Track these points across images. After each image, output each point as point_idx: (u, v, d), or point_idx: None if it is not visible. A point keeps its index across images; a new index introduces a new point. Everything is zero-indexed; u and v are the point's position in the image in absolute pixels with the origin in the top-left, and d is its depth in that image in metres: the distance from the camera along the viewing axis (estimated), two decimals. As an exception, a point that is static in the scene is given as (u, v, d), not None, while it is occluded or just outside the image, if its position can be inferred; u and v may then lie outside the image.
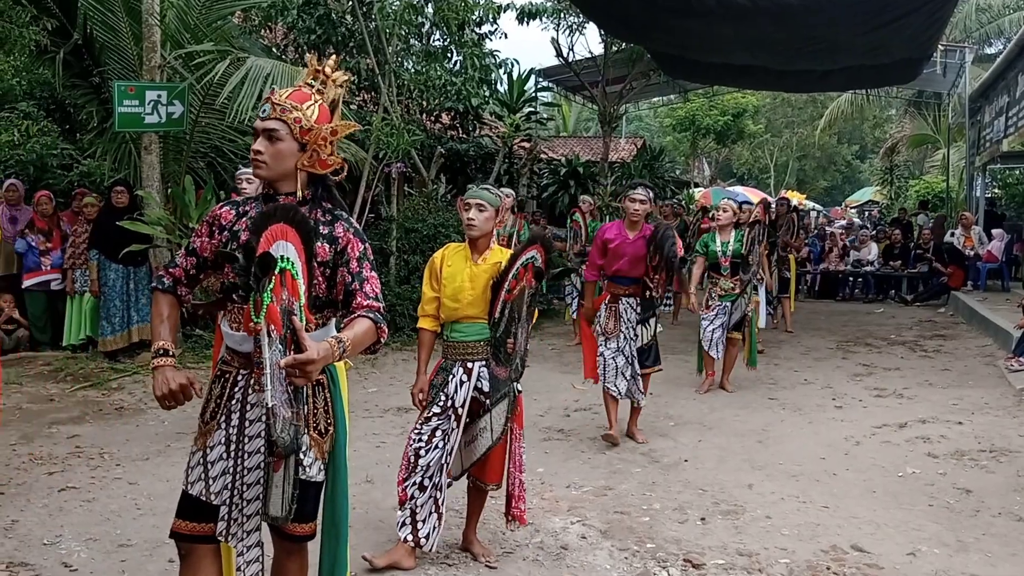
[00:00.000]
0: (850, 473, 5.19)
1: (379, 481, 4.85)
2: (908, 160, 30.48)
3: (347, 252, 2.45)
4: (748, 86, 21.16)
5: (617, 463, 5.35)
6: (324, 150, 2.45)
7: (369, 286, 2.44)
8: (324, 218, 2.48)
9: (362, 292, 2.42)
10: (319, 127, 2.42)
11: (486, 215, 3.69)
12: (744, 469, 5.27)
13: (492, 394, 3.64)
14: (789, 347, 9.74)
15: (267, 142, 2.40)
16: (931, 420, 6.44)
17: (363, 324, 2.36)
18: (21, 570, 3.62)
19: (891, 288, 15.06)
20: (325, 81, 2.51)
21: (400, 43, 10.25)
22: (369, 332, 2.38)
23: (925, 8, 9.31)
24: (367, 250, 2.49)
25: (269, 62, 7.56)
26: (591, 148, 22.86)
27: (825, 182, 47.91)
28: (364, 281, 2.44)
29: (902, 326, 11.62)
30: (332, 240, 2.45)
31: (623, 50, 15.57)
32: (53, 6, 7.97)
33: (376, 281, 2.49)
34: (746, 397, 7.26)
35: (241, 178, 5.61)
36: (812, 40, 10.99)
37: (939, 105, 22.39)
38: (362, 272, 2.45)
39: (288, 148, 2.41)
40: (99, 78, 8.37)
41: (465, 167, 14.90)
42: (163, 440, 5.66)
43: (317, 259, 2.41)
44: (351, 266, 2.44)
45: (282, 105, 2.40)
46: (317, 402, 2.51)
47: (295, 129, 2.39)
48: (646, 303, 5.66)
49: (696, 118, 29.45)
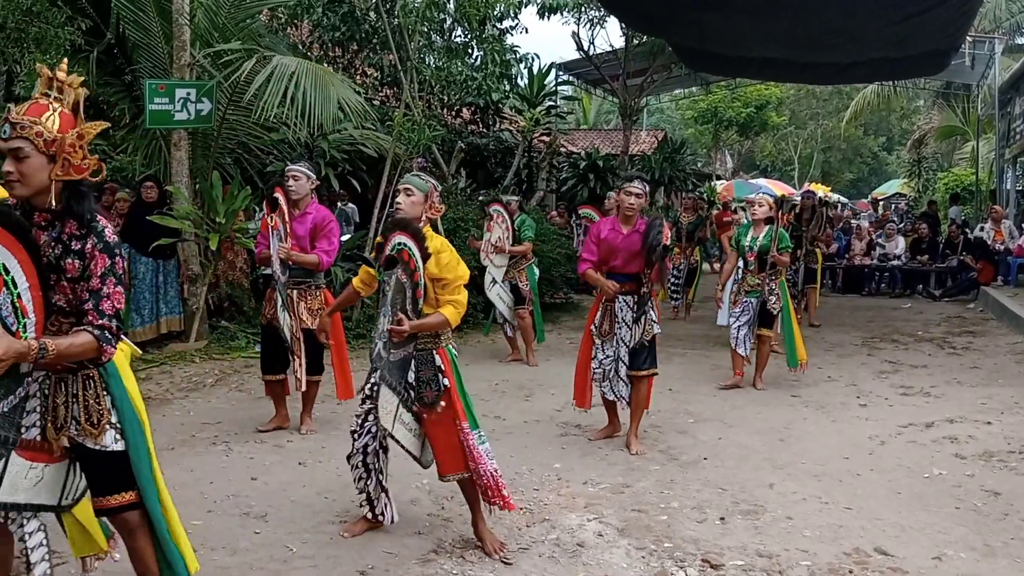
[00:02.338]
0: (874, 474, 5.11)
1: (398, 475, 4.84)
2: (936, 152, 30.05)
3: (90, 268, 2.48)
4: (770, 78, 21.02)
5: (635, 460, 5.32)
6: (75, 156, 2.47)
7: (108, 303, 2.48)
8: (78, 232, 2.50)
9: (95, 311, 2.46)
10: (63, 136, 2.44)
11: (413, 199, 3.80)
12: (765, 468, 5.20)
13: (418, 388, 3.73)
14: (813, 343, 9.63)
15: (15, 162, 2.42)
16: (959, 420, 6.33)
17: (81, 337, 2.44)
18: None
19: (919, 283, 14.87)
20: (61, 87, 2.52)
21: (422, 39, 10.28)
22: (86, 346, 2.44)
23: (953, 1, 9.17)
24: (114, 265, 2.50)
25: (294, 60, 7.62)
26: (611, 141, 22.78)
27: (851, 174, 47.43)
28: (101, 299, 2.47)
29: (930, 322, 11.47)
30: (81, 256, 2.48)
31: (644, 43, 15.51)
32: (87, 7, 8.12)
33: (119, 298, 2.51)
34: (768, 394, 7.18)
35: (288, 175, 5.58)
36: (834, 33, 10.87)
37: (968, 96, 22.05)
38: (102, 289, 2.48)
39: (37, 163, 2.43)
40: (131, 76, 8.52)
41: (485, 161, 14.92)
42: (188, 430, 5.74)
43: (67, 275, 2.48)
44: (92, 283, 2.47)
45: (20, 123, 2.41)
46: (88, 396, 2.61)
47: (39, 143, 2.41)
48: (641, 300, 5.46)
49: (718, 110, 29.26)
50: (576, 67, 17.77)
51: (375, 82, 11.87)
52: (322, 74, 7.62)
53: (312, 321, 5.55)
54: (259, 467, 5.00)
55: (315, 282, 5.66)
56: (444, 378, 3.71)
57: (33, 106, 2.48)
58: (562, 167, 17.22)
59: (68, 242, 2.48)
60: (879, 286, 15.20)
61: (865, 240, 15.53)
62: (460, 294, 3.76)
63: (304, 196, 5.55)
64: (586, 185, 16.50)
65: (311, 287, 5.64)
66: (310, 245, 5.52)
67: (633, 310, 5.47)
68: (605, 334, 5.53)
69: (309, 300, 5.61)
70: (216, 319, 8.60)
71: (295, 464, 5.10)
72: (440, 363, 3.72)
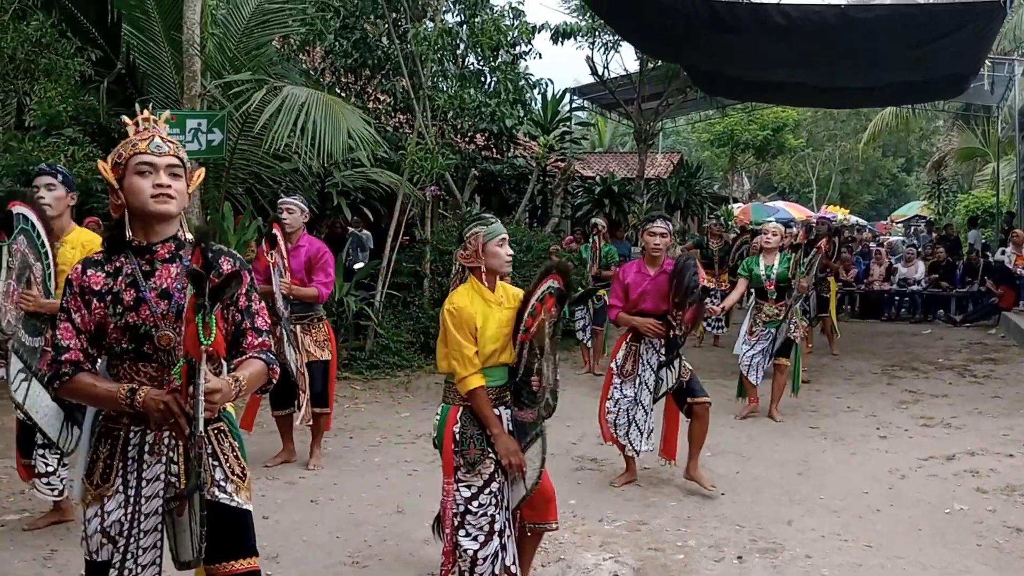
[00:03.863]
0: (894, 509, 5.01)
1: (410, 512, 4.80)
2: (956, 174, 29.81)
3: None
4: (788, 102, 20.99)
5: (651, 496, 5.23)
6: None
7: (260, 319, 2.35)
8: (205, 259, 2.31)
9: (252, 330, 2.32)
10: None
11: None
12: (783, 503, 5.11)
13: (520, 440, 3.41)
14: (832, 372, 9.52)
15: (175, 178, 2.32)
16: (980, 452, 6.21)
17: (256, 366, 2.30)
18: None
19: (939, 308, 14.67)
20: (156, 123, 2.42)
21: (435, 66, 10.30)
22: (261, 374, 2.31)
23: (971, 26, 9.10)
24: (253, 281, 2.39)
25: (304, 91, 7.64)
26: (627, 164, 22.77)
27: (870, 196, 47.19)
28: (255, 316, 2.34)
29: (950, 349, 11.30)
30: (220, 276, 2.29)
31: (659, 67, 15.52)
32: (98, 37, 8.21)
33: (265, 313, 2.39)
34: (786, 425, 7.08)
35: (282, 207, 5.61)
36: (853, 56, 10.84)
37: (988, 118, 21.88)
38: (251, 306, 2.34)
39: (183, 186, 2.35)
40: (141, 106, 8.51)
41: (499, 187, 14.92)
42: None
43: None
44: (240, 303, 2.33)
45: (173, 142, 2.34)
46: (224, 447, 2.41)
47: (185, 163, 2.36)
48: (670, 343, 5.20)
49: (735, 133, 29.20)
50: (590, 91, 17.80)
51: (388, 108, 11.90)
52: (333, 104, 7.62)
53: (320, 354, 5.54)
54: (270, 505, 4.93)
55: (316, 314, 5.67)
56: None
57: None
58: (577, 192, 17.19)
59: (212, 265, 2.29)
60: (899, 311, 15.00)
61: (884, 265, 15.36)
62: None
63: (297, 229, 5.59)
64: (601, 210, 16.45)
65: (314, 320, 5.64)
66: (307, 277, 5.52)
67: (659, 353, 5.26)
68: (626, 374, 5.32)
69: (314, 333, 5.61)
70: (226, 352, 8.57)
71: (307, 502, 5.03)
72: None
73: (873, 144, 32.44)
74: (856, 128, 36.27)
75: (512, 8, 11.69)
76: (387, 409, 7.52)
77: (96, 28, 8.26)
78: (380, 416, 7.21)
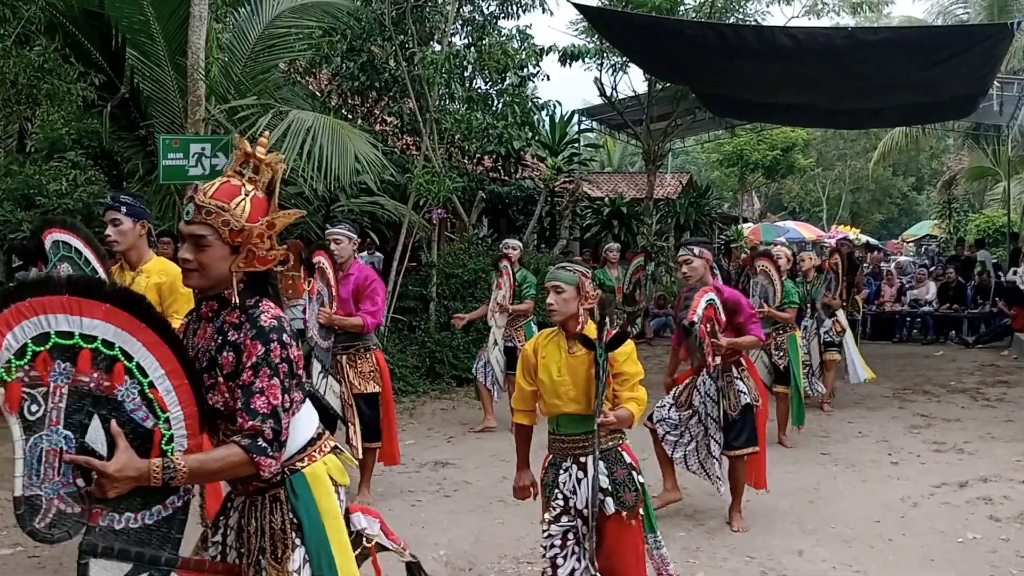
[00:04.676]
0: (907, 538, 4.93)
1: (414, 545, 4.66)
2: (967, 193, 29.66)
3: (242, 360, 2.09)
4: (797, 123, 20.99)
5: (660, 526, 5.08)
6: (261, 247, 2.15)
7: (261, 399, 2.06)
8: (236, 321, 2.14)
9: (244, 410, 2.06)
10: (251, 226, 2.12)
11: (565, 296, 3.37)
12: (794, 533, 5.04)
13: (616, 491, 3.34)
14: (843, 395, 9.41)
15: (195, 249, 2.13)
16: (993, 478, 6.12)
17: (224, 450, 2.07)
18: None
19: (951, 329, 14.53)
20: (258, 166, 2.19)
21: (442, 88, 10.31)
22: (231, 460, 2.05)
23: (979, 48, 9.08)
24: (269, 353, 2.08)
25: (311, 115, 7.64)
26: (636, 184, 22.72)
27: (880, 215, 46.96)
28: (252, 395, 2.06)
29: (963, 371, 11.18)
30: (236, 348, 2.11)
31: (667, 88, 15.50)
32: (101, 61, 8.21)
33: (275, 391, 2.08)
34: (796, 451, 6.99)
35: (330, 239, 5.45)
36: (861, 78, 10.83)
37: (998, 137, 21.76)
38: (253, 384, 2.07)
39: (219, 253, 2.12)
40: (145, 131, 8.56)
41: (507, 209, 14.90)
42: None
43: (223, 371, 2.11)
44: (242, 378, 2.08)
45: (206, 207, 2.11)
46: (274, 521, 2.21)
47: (223, 232, 2.11)
48: (720, 372, 5.06)
49: (744, 153, 29.13)
50: (599, 112, 17.78)
51: (395, 129, 11.92)
52: (339, 128, 7.62)
53: (364, 386, 5.36)
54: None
55: (364, 344, 5.45)
56: (640, 475, 3.42)
57: (224, 187, 2.15)
58: (585, 214, 17.15)
59: (226, 332, 2.13)
60: (910, 332, 14.88)
61: (896, 285, 15.25)
62: (639, 391, 3.43)
63: (348, 258, 5.43)
64: (610, 232, 16.41)
65: (360, 350, 5.43)
66: (355, 307, 5.35)
67: (715, 383, 5.11)
68: (681, 405, 5.15)
69: (360, 364, 5.41)
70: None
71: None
72: (631, 460, 3.42)
73: (883, 163, 32.25)
74: (866, 147, 36.15)
75: (520, 31, 11.72)
76: (391, 436, 7.43)
77: (100, 52, 8.24)
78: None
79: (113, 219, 3.82)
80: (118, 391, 2.01)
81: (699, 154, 36.25)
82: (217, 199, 2.12)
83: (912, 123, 19.04)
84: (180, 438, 2.08)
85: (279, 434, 2.08)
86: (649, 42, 11.77)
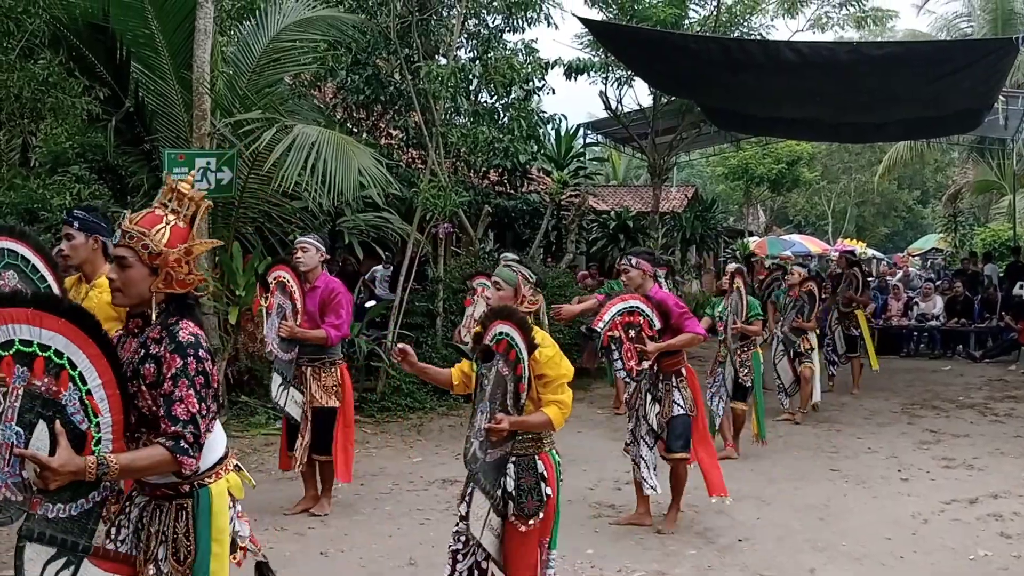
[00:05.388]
0: (917, 556, 4.89)
1: (423, 564, 4.67)
2: (973, 206, 29.58)
3: (162, 372, 2.35)
4: (802, 137, 20.96)
5: (671, 544, 5.09)
6: (180, 271, 2.43)
7: (180, 407, 2.32)
8: (157, 336, 2.40)
9: (166, 417, 2.32)
10: (169, 251, 2.41)
11: (501, 293, 3.55)
12: (805, 551, 4.98)
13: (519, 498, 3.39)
14: (851, 410, 9.34)
15: (119, 270, 2.41)
16: (1003, 495, 6.07)
17: (150, 450, 2.32)
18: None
19: (958, 343, 14.44)
20: (181, 199, 2.49)
21: (448, 102, 10.29)
22: (156, 459, 2.30)
23: (983, 62, 9.05)
24: (186, 366, 2.34)
25: (315, 130, 7.61)
26: (641, 197, 22.68)
27: (886, 228, 46.84)
28: (173, 403, 2.32)
29: (971, 386, 11.11)
30: (157, 360, 2.37)
31: (672, 102, 15.49)
32: (106, 74, 8.18)
33: (193, 402, 2.33)
34: (806, 467, 6.95)
35: (297, 246, 5.56)
36: (866, 92, 10.81)
37: (1003, 151, 21.72)
38: (173, 393, 2.33)
39: (138, 274, 2.41)
40: (150, 145, 8.53)
41: (513, 223, 14.86)
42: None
43: (145, 381, 2.37)
44: (164, 387, 2.34)
45: (130, 232, 2.41)
46: (178, 527, 2.45)
47: (143, 255, 2.39)
48: (653, 378, 5.32)
49: (749, 166, 29.10)
50: (604, 126, 17.78)
51: (400, 143, 11.90)
52: (344, 143, 7.60)
53: (325, 399, 5.40)
54: (279, 558, 4.76)
55: (330, 358, 5.49)
56: (547, 487, 3.40)
57: (148, 216, 2.46)
58: (591, 227, 17.12)
59: (148, 346, 2.39)
60: (918, 347, 14.79)
61: (902, 300, 15.17)
62: (564, 393, 3.42)
63: (313, 268, 5.47)
64: (616, 246, 16.36)
65: (325, 363, 5.47)
66: (320, 319, 5.38)
67: (650, 390, 5.35)
68: (631, 407, 5.46)
69: (323, 377, 5.44)
70: (235, 393, 8.40)
71: (317, 554, 4.89)
72: (543, 469, 3.42)
73: (888, 177, 32.22)
74: (871, 161, 36.11)
75: (525, 45, 11.72)
76: (399, 454, 7.37)
77: (104, 66, 8.19)
78: (391, 461, 7.06)
79: (67, 234, 3.85)
80: (63, 396, 2.24)
81: (704, 167, 36.22)
82: (140, 226, 2.42)
83: (917, 137, 19.04)
84: (107, 441, 2.31)
85: (198, 437, 2.34)
86: (654, 56, 11.77)
